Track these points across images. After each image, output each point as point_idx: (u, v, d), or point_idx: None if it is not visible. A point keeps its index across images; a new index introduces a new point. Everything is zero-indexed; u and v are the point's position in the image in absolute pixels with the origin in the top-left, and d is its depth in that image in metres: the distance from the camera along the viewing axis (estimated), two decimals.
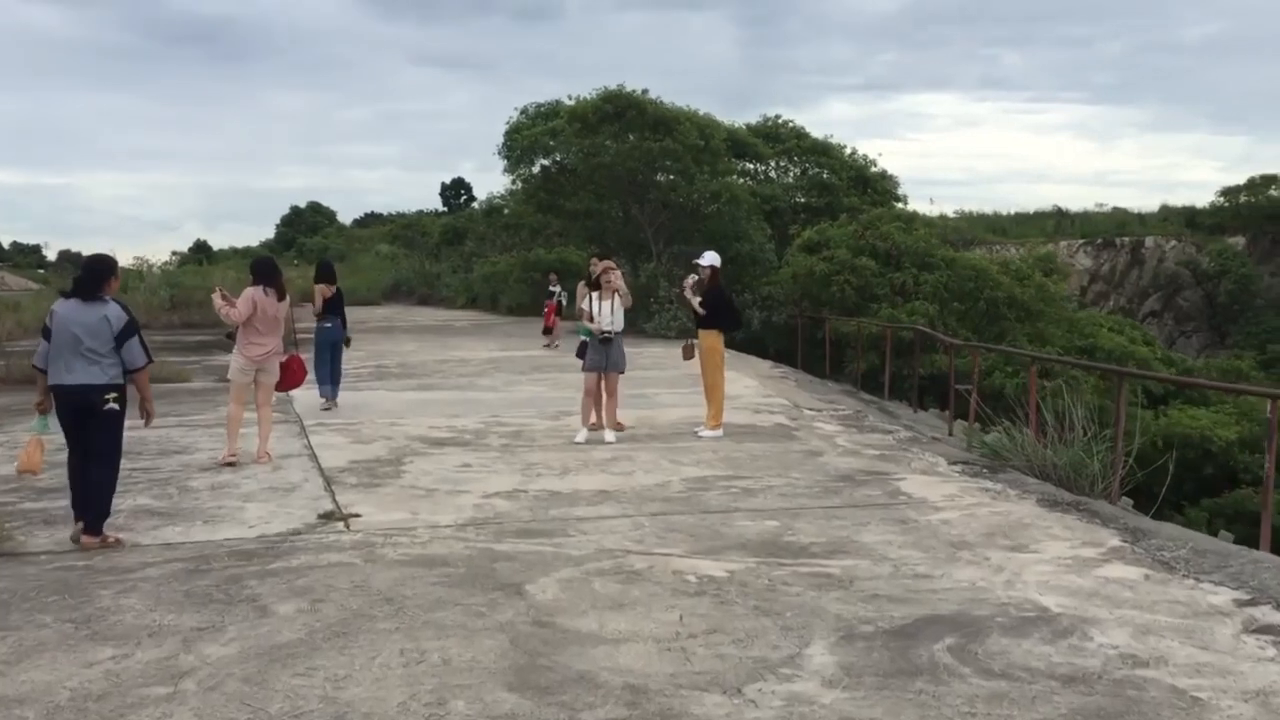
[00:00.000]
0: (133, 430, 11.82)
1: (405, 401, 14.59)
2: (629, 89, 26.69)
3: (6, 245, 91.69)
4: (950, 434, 14.33)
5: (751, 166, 32.07)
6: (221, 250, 76.07)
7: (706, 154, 26.18)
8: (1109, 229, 54.80)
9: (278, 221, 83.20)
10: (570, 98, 28.29)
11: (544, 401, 14.42)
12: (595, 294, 11.43)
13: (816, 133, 33.88)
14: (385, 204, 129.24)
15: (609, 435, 11.19)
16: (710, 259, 11.84)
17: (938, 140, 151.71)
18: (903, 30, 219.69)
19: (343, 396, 14.01)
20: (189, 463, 10.13)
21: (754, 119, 34.64)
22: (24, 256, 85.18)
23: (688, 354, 12.64)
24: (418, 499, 8.57)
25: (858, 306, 24.09)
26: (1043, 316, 24.18)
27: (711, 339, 11.81)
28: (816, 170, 31.99)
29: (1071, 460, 9.94)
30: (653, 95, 27.20)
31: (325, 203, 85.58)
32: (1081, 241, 53.48)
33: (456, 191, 75.08)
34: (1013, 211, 59.09)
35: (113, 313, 7.10)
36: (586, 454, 10.46)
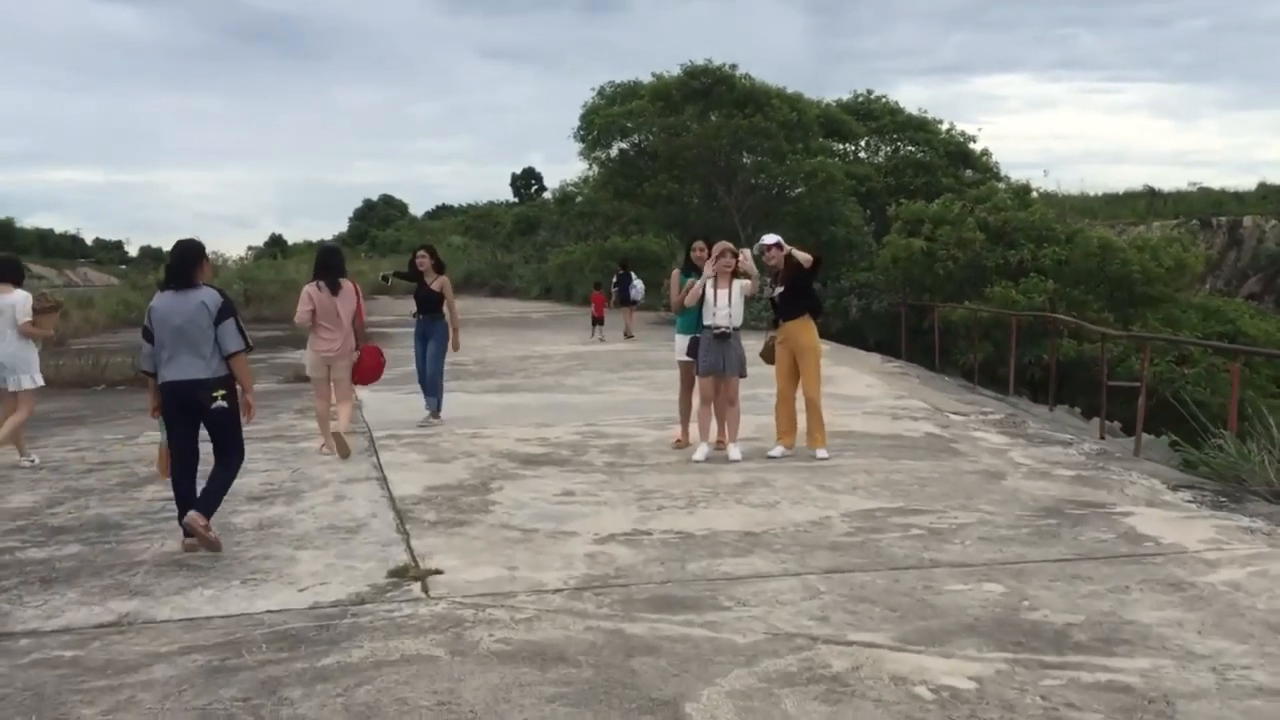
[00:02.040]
0: None
1: (486, 406, 12.65)
2: (716, 64, 24.51)
3: (90, 242, 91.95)
4: (1101, 436, 12.10)
5: (840, 146, 29.71)
6: (296, 244, 75.26)
7: (799, 131, 23.92)
8: (1204, 209, 51.45)
9: (350, 215, 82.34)
10: (654, 75, 26.17)
11: (643, 406, 12.39)
12: (710, 280, 9.33)
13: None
14: (455, 197, 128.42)
15: (734, 452, 9.13)
16: (773, 238, 9.55)
17: (1010, 122, 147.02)
18: (973, 12, 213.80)
19: (418, 401, 11.92)
20: (236, 489, 8.18)
21: (844, 96, 32.19)
22: (106, 253, 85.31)
23: (769, 356, 9.65)
24: (513, 545, 6.59)
25: (965, 286, 21.74)
26: (1176, 301, 21.63)
27: (808, 333, 9.41)
28: (911, 149, 29.52)
29: None
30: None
31: (398, 196, 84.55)
32: (1175, 222, 50.16)
33: (527, 182, 73.37)
34: (1099, 193, 55.72)
35: (209, 297, 6.50)
36: (712, 477, 8.42)
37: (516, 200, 68.66)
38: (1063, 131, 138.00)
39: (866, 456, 9.12)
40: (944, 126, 29.91)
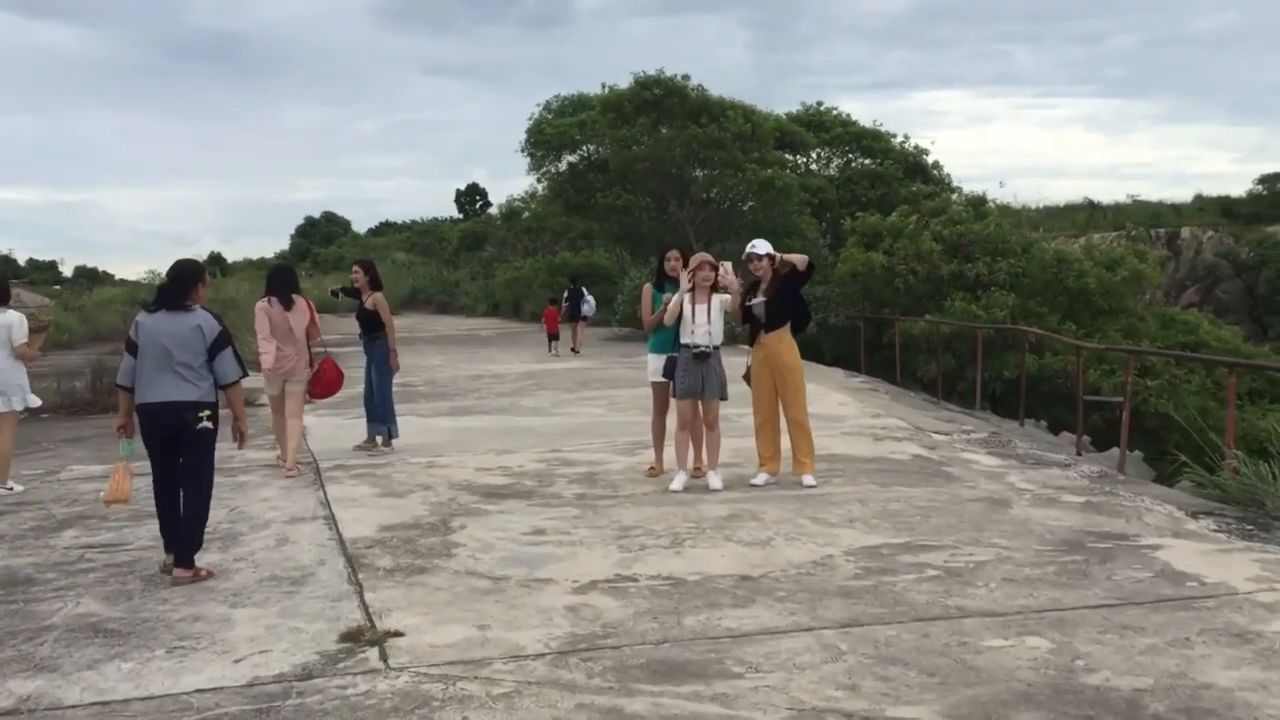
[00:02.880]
0: (97, 485, 9.07)
1: (441, 431, 11.79)
2: (668, 74, 23.82)
3: (23, 262, 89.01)
4: (1078, 453, 11.55)
5: (791, 158, 29.17)
6: (236, 263, 73.38)
7: (754, 143, 23.31)
8: (1142, 220, 51.82)
9: (292, 232, 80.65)
10: (604, 85, 25.42)
11: (607, 429, 11.62)
12: (688, 295, 8.57)
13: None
14: (399, 214, 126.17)
15: (714, 480, 8.37)
16: (765, 246, 8.66)
17: (949, 137, 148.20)
18: (913, 29, 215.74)
19: (364, 427, 10.98)
20: None
21: (791, 109, 31.64)
22: (40, 273, 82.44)
23: (747, 379, 8.78)
24: (482, 597, 5.77)
25: (923, 300, 21.25)
26: (1133, 311, 21.32)
27: (789, 351, 8.52)
28: (864, 161, 29.06)
29: None
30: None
31: (340, 213, 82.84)
32: (1115, 234, 50.45)
33: (472, 198, 72.17)
34: (1039, 205, 55.92)
35: (205, 322, 6.25)
36: (695, 510, 7.65)
37: (461, 216, 67.51)
38: (1000, 146, 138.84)
39: (856, 483, 8.41)
40: (897, 140, 29.56)
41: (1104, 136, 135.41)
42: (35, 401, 9.38)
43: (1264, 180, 51.63)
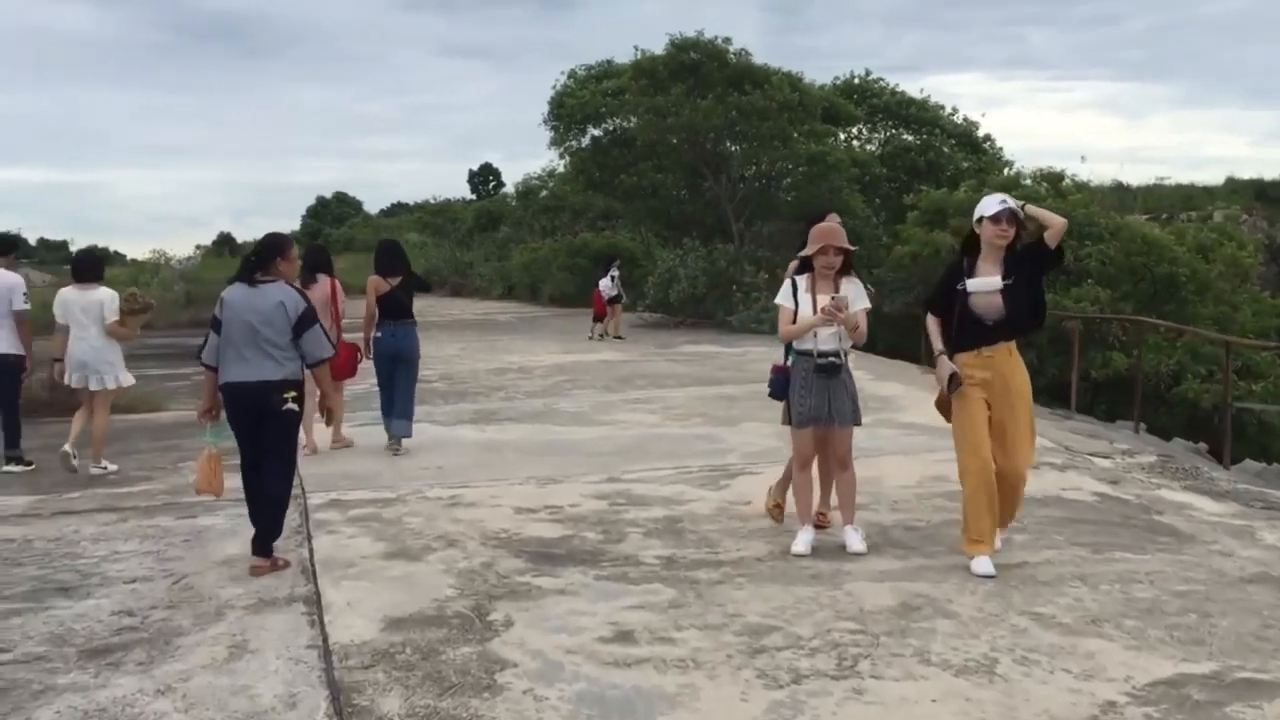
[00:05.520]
0: (14, 528, 6.67)
1: (464, 447, 9.26)
2: (707, 37, 21.10)
3: (34, 242, 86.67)
4: (1225, 466, 9.06)
5: (836, 132, 26.46)
6: (247, 243, 70.85)
7: (802, 112, 20.67)
8: (1175, 203, 49.13)
9: (304, 213, 78.16)
10: (637, 50, 22.64)
11: (671, 445, 9.07)
12: (803, 281, 6.01)
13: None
14: (410, 195, 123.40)
15: (854, 541, 5.79)
16: (1000, 202, 5.48)
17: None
18: (927, 11, 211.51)
19: (367, 438, 8.62)
20: (76, 624, 4.82)
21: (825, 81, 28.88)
22: (50, 253, 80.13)
23: (945, 407, 5.68)
24: None
25: None
26: (1223, 298, 18.75)
27: (1021, 370, 5.59)
28: (908, 137, 26.36)
29: None
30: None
31: (352, 194, 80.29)
32: (1146, 217, 47.85)
33: (485, 178, 69.49)
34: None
35: (289, 298, 5.73)
36: (845, 592, 5.09)
37: (475, 197, 64.88)
38: (1015, 129, 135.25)
39: (1053, 544, 5.85)
40: (946, 111, 26.85)
41: (1119, 120, 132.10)
42: (128, 380, 8.80)
43: None
